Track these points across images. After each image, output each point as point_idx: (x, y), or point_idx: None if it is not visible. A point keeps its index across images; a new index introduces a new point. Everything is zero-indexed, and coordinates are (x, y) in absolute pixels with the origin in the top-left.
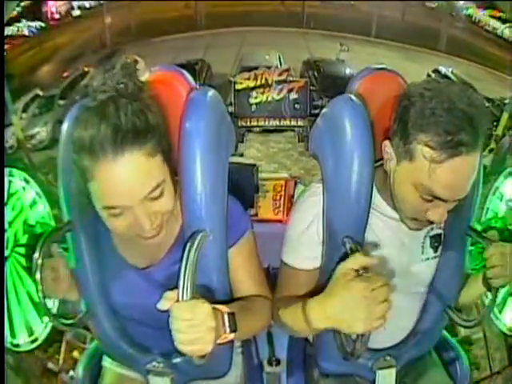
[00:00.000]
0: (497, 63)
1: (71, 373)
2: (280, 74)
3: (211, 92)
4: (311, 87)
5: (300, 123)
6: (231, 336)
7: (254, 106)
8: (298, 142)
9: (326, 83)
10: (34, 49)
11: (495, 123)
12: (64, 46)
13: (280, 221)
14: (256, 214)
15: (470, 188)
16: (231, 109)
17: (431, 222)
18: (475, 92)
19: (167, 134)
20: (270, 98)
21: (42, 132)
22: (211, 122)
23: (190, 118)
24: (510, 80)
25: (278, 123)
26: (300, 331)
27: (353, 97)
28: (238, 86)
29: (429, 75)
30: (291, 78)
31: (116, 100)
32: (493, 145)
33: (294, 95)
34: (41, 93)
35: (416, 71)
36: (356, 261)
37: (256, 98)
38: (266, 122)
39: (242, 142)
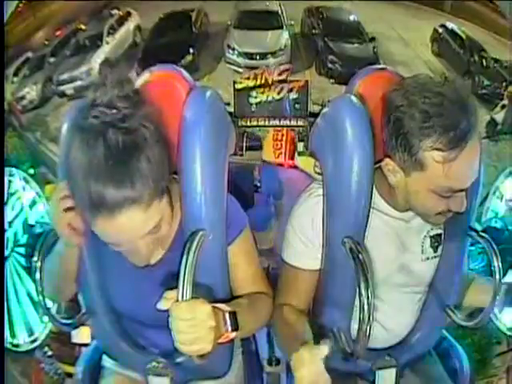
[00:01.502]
0: (498, 29)
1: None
2: (280, 74)
3: (211, 91)
4: (313, 31)
5: (300, 123)
6: (233, 335)
7: (253, 106)
8: (298, 141)
9: (329, 28)
10: (28, 19)
11: (504, 83)
12: (58, 11)
13: (281, 164)
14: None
15: (471, 187)
16: (231, 108)
17: (451, 211)
18: (454, 77)
19: (167, 159)
20: (270, 98)
21: (31, 92)
22: (211, 121)
23: (190, 117)
24: (510, 44)
25: (277, 123)
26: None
27: (353, 97)
28: (238, 86)
29: (435, 30)
30: (291, 78)
31: (104, 144)
32: (505, 101)
33: (294, 95)
34: (31, 55)
35: (422, 28)
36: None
37: (256, 97)
38: (266, 122)
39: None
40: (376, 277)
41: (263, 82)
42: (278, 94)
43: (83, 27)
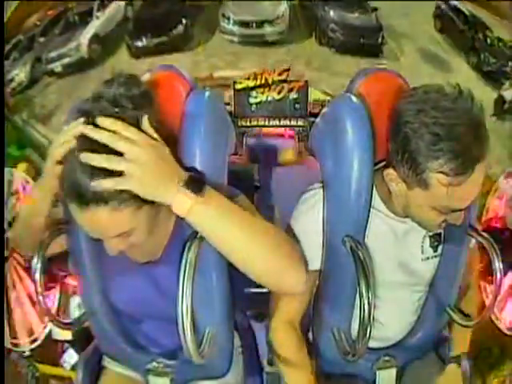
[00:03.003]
0: (500, 11)
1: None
2: (280, 74)
3: (210, 92)
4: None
5: (300, 123)
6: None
7: (253, 106)
8: (298, 141)
9: None
10: (22, 4)
11: (510, 62)
12: None
13: (282, 135)
14: None
15: None
16: (231, 109)
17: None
18: (463, 92)
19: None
20: (269, 98)
21: (20, 73)
22: (210, 121)
23: (190, 117)
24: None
25: (277, 123)
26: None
27: (353, 97)
28: (238, 86)
29: (438, 7)
30: (291, 78)
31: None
32: None
33: (294, 95)
34: (22, 37)
35: (425, 5)
36: None
37: (256, 97)
38: (266, 122)
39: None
40: (376, 276)
41: (263, 82)
42: (278, 93)
43: (74, 5)
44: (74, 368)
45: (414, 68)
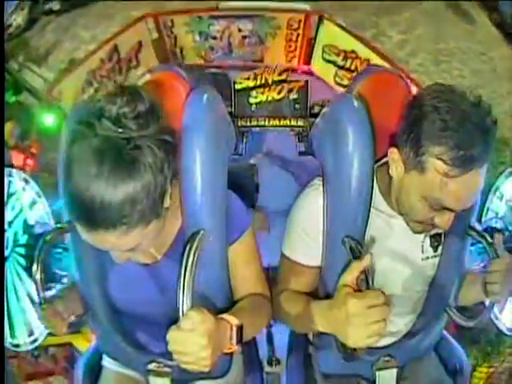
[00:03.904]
0: None
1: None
2: (280, 74)
3: (210, 91)
4: None
5: (300, 123)
6: (236, 347)
7: (253, 106)
8: (298, 141)
9: None
10: None
11: None
12: None
13: (294, 69)
14: (261, 60)
15: None
16: (231, 109)
17: (434, 226)
18: (486, 105)
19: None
20: (269, 98)
21: (18, 18)
22: (210, 121)
23: (190, 118)
24: None
25: (277, 123)
26: (302, 329)
27: (353, 97)
28: (238, 86)
29: None
30: (291, 78)
31: (101, 164)
32: None
33: (294, 95)
34: None
35: None
36: (352, 271)
37: (256, 97)
38: (266, 122)
39: (242, 141)
40: (376, 275)
41: (263, 82)
42: (278, 93)
43: None
44: None
45: (435, 13)
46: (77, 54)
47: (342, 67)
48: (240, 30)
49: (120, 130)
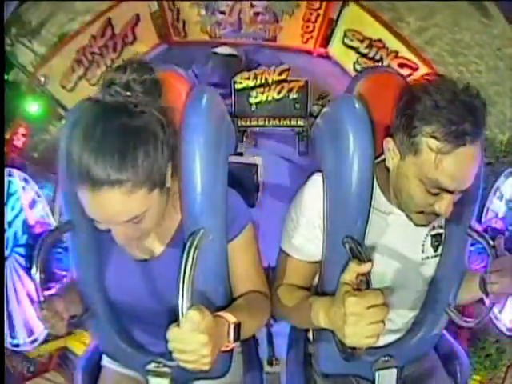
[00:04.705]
0: None
1: None
2: (280, 74)
3: (210, 91)
4: None
5: (300, 123)
6: (234, 344)
7: (253, 106)
8: (298, 141)
9: None
10: None
11: None
12: None
13: (309, 52)
14: (274, 39)
15: (471, 187)
16: (231, 109)
17: (437, 215)
18: (475, 89)
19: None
20: (269, 98)
21: None
22: (210, 121)
23: (189, 117)
24: None
25: (277, 123)
26: (301, 322)
27: (353, 97)
28: (238, 86)
29: None
30: (291, 78)
31: (109, 121)
32: None
33: (293, 95)
34: None
35: None
36: (351, 271)
37: (256, 97)
38: (266, 122)
39: (242, 141)
40: (376, 275)
41: (263, 81)
42: (278, 93)
43: None
44: None
45: (451, 2)
46: (71, 26)
47: (364, 55)
48: (252, 6)
49: (128, 93)
